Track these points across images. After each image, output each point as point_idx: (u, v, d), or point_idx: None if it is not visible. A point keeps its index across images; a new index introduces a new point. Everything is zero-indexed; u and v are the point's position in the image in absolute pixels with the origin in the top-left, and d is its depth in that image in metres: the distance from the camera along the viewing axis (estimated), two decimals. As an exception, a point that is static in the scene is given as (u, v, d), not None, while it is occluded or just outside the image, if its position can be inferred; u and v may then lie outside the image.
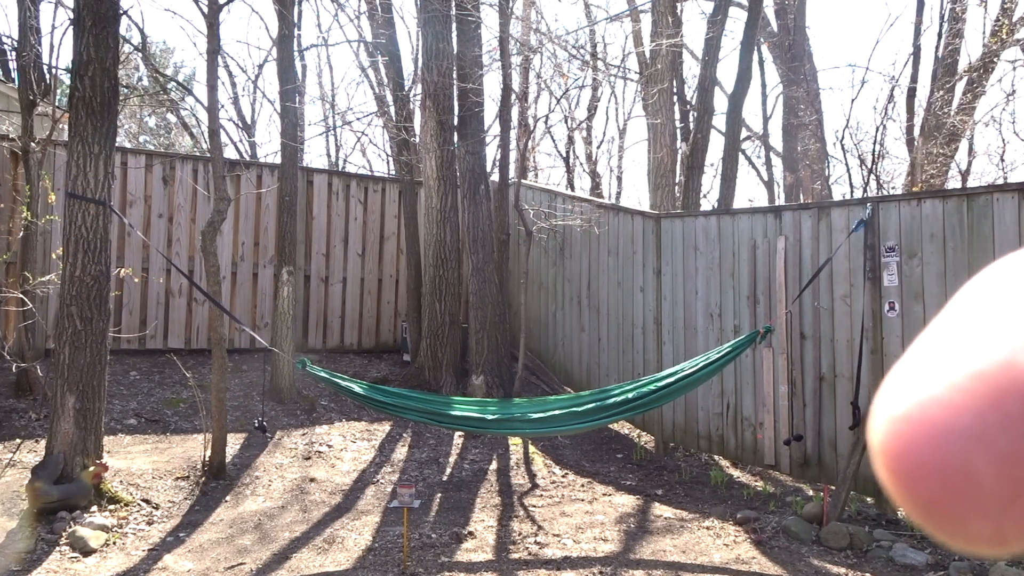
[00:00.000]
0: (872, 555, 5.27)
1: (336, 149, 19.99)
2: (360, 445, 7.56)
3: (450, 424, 6.04)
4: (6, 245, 8.01)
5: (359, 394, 5.71)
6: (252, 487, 6.42)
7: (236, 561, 5.08)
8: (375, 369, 9.77)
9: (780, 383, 6.68)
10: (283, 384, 8.33)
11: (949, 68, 12.08)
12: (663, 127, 11.58)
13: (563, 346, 9.40)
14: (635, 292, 8.23)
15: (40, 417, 7.19)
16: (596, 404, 5.77)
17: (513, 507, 6.26)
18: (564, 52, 12.50)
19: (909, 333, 5.90)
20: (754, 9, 9.66)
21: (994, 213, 5.48)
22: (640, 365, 8.07)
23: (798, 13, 14.47)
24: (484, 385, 8.57)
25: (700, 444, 7.53)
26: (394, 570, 4.93)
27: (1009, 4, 12.17)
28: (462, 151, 9.01)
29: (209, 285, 6.65)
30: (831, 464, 6.34)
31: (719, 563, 5.15)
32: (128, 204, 9.07)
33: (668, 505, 6.32)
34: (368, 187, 10.62)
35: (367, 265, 10.48)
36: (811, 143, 14.19)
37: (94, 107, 5.81)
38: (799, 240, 6.64)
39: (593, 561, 5.14)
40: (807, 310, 6.57)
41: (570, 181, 15.97)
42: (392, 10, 10.60)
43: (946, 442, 0.27)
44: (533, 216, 9.23)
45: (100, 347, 5.86)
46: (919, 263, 5.86)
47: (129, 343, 8.79)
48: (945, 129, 11.57)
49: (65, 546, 5.17)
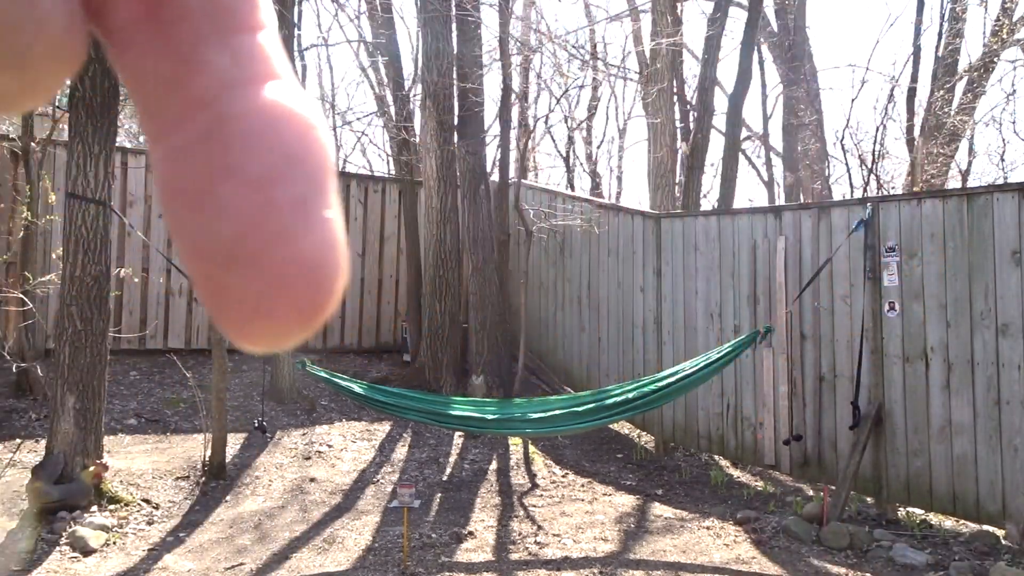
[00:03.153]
0: (872, 555, 5.27)
1: (336, 149, 19.95)
2: (360, 445, 7.56)
3: (450, 424, 6.05)
4: (6, 245, 8.01)
5: (359, 394, 5.71)
6: (252, 487, 6.42)
7: (236, 561, 5.08)
8: (375, 369, 9.77)
9: (780, 383, 6.68)
10: (283, 384, 8.33)
11: (949, 68, 12.08)
12: (663, 127, 11.57)
13: (563, 346, 9.40)
14: (635, 292, 8.23)
15: (40, 417, 7.19)
16: (596, 404, 5.77)
17: (513, 507, 6.26)
18: (564, 52, 12.51)
19: (909, 333, 5.91)
20: (754, 9, 9.66)
21: (994, 213, 5.47)
22: (640, 365, 8.06)
23: (798, 13, 14.47)
24: (484, 385, 8.57)
25: (700, 444, 7.53)
26: (394, 570, 4.93)
27: (1009, 4, 12.18)
28: (462, 151, 9.01)
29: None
30: (831, 464, 6.34)
31: (719, 563, 5.15)
32: (128, 204, 9.07)
33: (668, 505, 6.32)
34: (368, 187, 10.62)
35: (367, 265, 10.48)
36: (811, 143, 14.19)
37: (94, 107, 5.81)
38: (799, 240, 6.64)
39: (593, 561, 5.14)
40: (807, 310, 6.57)
41: (570, 181, 15.97)
42: (392, 10, 10.61)
43: None
44: (533, 216, 9.23)
45: (100, 347, 5.86)
46: (919, 263, 5.86)
47: (129, 343, 8.79)
48: (945, 129, 11.57)
49: (65, 546, 5.17)
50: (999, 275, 5.43)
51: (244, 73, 0.27)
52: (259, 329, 0.26)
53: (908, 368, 5.90)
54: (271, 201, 0.26)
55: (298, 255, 0.26)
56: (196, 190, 0.26)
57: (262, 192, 0.26)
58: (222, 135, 0.26)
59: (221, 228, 0.25)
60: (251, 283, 0.26)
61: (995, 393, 5.41)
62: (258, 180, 0.26)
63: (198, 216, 0.26)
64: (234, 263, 0.26)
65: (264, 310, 0.26)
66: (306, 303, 0.26)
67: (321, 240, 0.26)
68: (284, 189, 0.26)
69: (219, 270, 0.26)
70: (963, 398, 5.58)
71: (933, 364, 5.76)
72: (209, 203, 0.26)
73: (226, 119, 0.26)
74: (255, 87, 0.27)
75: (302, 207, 0.26)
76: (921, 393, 5.82)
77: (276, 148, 0.26)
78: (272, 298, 0.26)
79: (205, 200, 0.26)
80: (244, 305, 0.26)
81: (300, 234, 0.26)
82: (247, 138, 0.26)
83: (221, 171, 0.26)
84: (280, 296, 0.26)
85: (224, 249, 0.26)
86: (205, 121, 0.26)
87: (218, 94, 0.26)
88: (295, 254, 0.26)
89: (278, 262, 0.26)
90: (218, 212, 0.25)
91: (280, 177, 0.26)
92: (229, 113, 0.26)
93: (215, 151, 0.26)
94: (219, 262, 0.26)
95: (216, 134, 0.26)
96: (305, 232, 0.26)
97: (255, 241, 0.25)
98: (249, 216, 0.25)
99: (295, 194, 0.26)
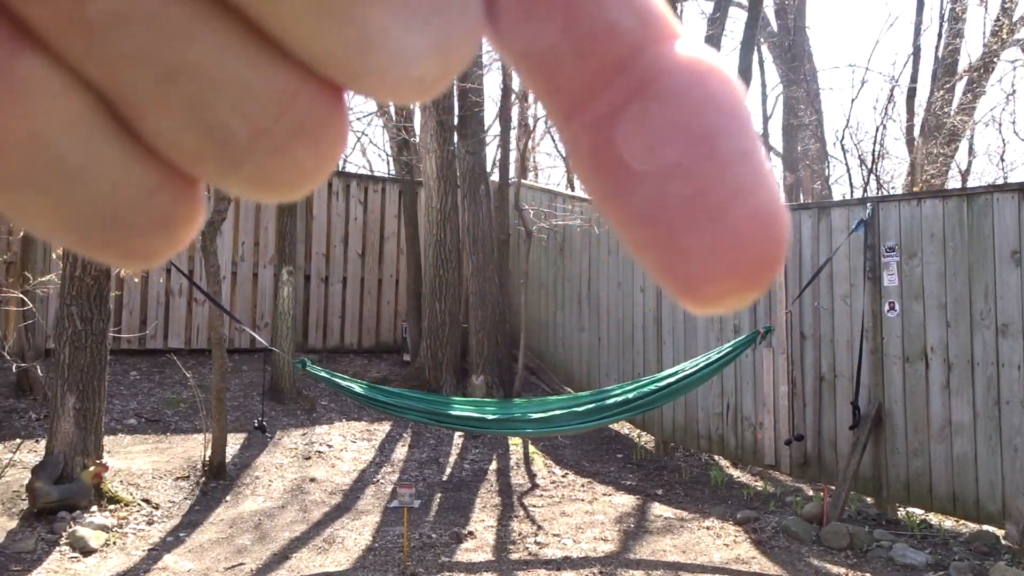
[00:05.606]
0: (872, 555, 5.27)
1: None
2: (360, 445, 7.56)
3: (450, 424, 6.05)
4: (6, 245, 8.02)
5: (359, 394, 5.71)
6: (252, 487, 6.43)
7: (236, 561, 5.08)
8: (375, 369, 9.77)
9: (780, 383, 6.68)
10: (283, 384, 8.33)
11: (949, 68, 12.08)
12: (663, 127, 11.56)
13: (563, 346, 9.40)
14: (635, 292, 8.23)
15: (40, 417, 7.19)
16: (596, 404, 5.77)
17: (513, 507, 6.26)
18: (564, 52, 12.48)
19: (909, 333, 5.91)
20: (754, 9, 9.66)
21: (994, 213, 5.47)
22: (640, 365, 8.07)
23: (798, 13, 14.48)
24: (484, 385, 8.57)
25: (700, 444, 7.53)
26: (394, 570, 4.94)
27: (1009, 4, 12.18)
28: (462, 151, 9.01)
29: (209, 285, 6.65)
30: (831, 464, 6.34)
31: (719, 563, 5.15)
32: (128, 204, 9.06)
33: (668, 505, 6.32)
34: (368, 187, 10.62)
35: (367, 265, 10.48)
36: (811, 143, 14.19)
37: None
38: (799, 240, 6.64)
39: (593, 561, 5.14)
40: (807, 310, 6.58)
41: (570, 181, 15.95)
42: (392, 10, 10.59)
43: None
44: (533, 216, 9.23)
45: (100, 347, 5.86)
46: (919, 263, 5.86)
47: (129, 343, 8.79)
48: (945, 129, 11.58)
49: (65, 546, 5.17)
50: (999, 275, 5.43)
51: (652, 33, 0.26)
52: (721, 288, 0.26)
53: (908, 368, 5.91)
54: (722, 156, 0.25)
55: (756, 208, 0.25)
56: (637, 154, 0.25)
57: (710, 146, 0.25)
58: (653, 94, 0.25)
59: (675, 188, 0.25)
60: (713, 242, 0.25)
61: (995, 393, 5.41)
62: (704, 136, 0.25)
63: (645, 181, 0.25)
64: (695, 223, 0.25)
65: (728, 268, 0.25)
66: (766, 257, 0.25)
67: (772, 192, 0.26)
68: (730, 143, 0.25)
69: (678, 233, 0.25)
70: (963, 398, 5.58)
71: (933, 364, 5.76)
72: (655, 165, 0.25)
73: (651, 79, 0.25)
74: (667, 45, 0.26)
75: (748, 159, 0.25)
76: (921, 393, 5.82)
77: (710, 103, 0.25)
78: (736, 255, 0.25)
79: (649, 163, 0.25)
80: (707, 266, 0.25)
81: (754, 187, 0.25)
82: (680, 94, 0.25)
83: (663, 130, 0.25)
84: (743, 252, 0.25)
85: (683, 210, 0.25)
86: (627, 84, 0.25)
87: (633, 55, 0.25)
88: (753, 208, 0.25)
89: (740, 217, 0.25)
90: (669, 173, 0.25)
91: (723, 131, 0.25)
92: (652, 73, 0.25)
93: (651, 111, 0.25)
94: (678, 224, 0.25)
95: (646, 94, 0.25)
96: (757, 185, 0.25)
97: (716, 197, 0.25)
98: (704, 172, 0.25)
99: (740, 147, 0.25)
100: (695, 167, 0.25)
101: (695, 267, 0.25)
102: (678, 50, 0.25)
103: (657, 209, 0.25)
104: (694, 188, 0.25)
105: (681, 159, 0.25)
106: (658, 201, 0.25)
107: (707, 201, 0.25)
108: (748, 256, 0.25)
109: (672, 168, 0.25)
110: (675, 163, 0.25)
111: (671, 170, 0.25)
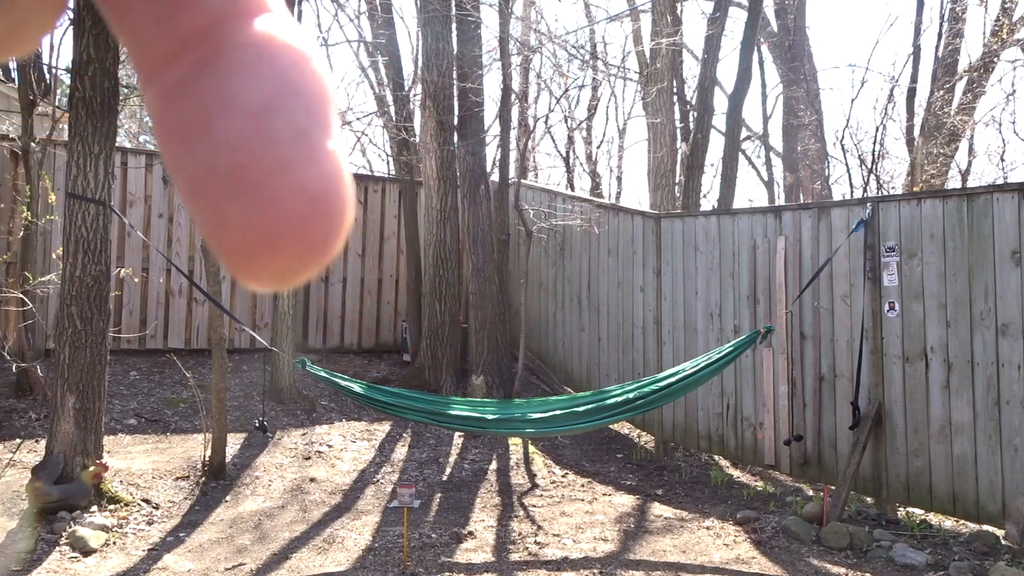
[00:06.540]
0: (872, 555, 5.27)
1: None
2: (360, 445, 7.56)
3: (450, 424, 6.05)
4: (6, 245, 8.01)
5: (359, 394, 5.71)
6: (252, 487, 6.42)
7: (236, 561, 5.08)
8: (375, 369, 9.77)
9: (780, 383, 6.68)
10: (283, 384, 8.33)
11: (949, 68, 12.08)
12: (663, 127, 11.58)
13: (563, 346, 9.40)
14: (635, 292, 8.23)
15: (40, 417, 7.19)
16: (596, 404, 5.77)
17: (513, 507, 6.26)
18: (564, 52, 12.50)
19: (909, 333, 5.91)
20: (754, 9, 9.66)
21: (994, 213, 5.47)
22: (640, 365, 8.07)
23: (798, 13, 14.47)
24: (484, 385, 8.57)
25: (700, 444, 7.53)
26: (394, 570, 4.94)
27: (1009, 4, 12.17)
28: (462, 151, 9.01)
29: (209, 285, 6.65)
30: (831, 464, 6.34)
31: (719, 563, 5.15)
32: (128, 204, 9.07)
33: (668, 505, 6.32)
34: (368, 187, 10.62)
35: (367, 265, 10.48)
36: (811, 143, 14.19)
37: (94, 107, 5.81)
38: (799, 240, 6.64)
39: (593, 561, 5.14)
40: (807, 310, 6.57)
41: (570, 181, 15.96)
42: (392, 10, 10.61)
43: None
44: (533, 216, 9.23)
45: (100, 347, 5.86)
46: (919, 263, 5.86)
47: (129, 343, 8.79)
48: (945, 129, 11.57)
49: (65, 546, 5.17)
50: (999, 275, 5.43)
51: (236, 7, 0.26)
52: (265, 264, 0.26)
53: (908, 368, 5.91)
54: (271, 131, 0.25)
55: (301, 186, 0.25)
56: (192, 125, 0.25)
57: (261, 123, 0.25)
58: (217, 68, 0.26)
59: (220, 160, 0.25)
60: (254, 215, 0.25)
61: (995, 393, 5.41)
62: (256, 111, 0.25)
63: (196, 151, 0.25)
64: (236, 196, 0.25)
65: (269, 243, 0.25)
66: (312, 235, 0.26)
67: (325, 171, 0.26)
68: (283, 120, 0.25)
69: (220, 204, 0.25)
70: (963, 398, 5.58)
71: (933, 364, 5.76)
72: (206, 137, 0.25)
73: (220, 52, 0.26)
74: (247, 20, 0.26)
75: (303, 138, 0.26)
76: (921, 393, 5.82)
77: (273, 79, 0.26)
78: (276, 230, 0.25)
79: (202, 134, 0.25)
80: (248, 239, 0.25)
81: (302, 165, 0.25)
82: (243, 70, 0.26)
83: (217, 104, 0.25)
84: (284, 228, 0.25)
85: (225, 182, 0.25)
86: (198, 55, 0.26)
87: (210, 28, 0.26)
88: (298, 185, 0.25)
89: (281, 193, 0.25)
90: (216, 145, 0.25)
91: (279, 107, 0.25)
92: (222, 46, 0.26)
93: (210, 84, 0.25)
94: (220, 196, 0.25)
95: (210, 68, 0.26)
96: (308, 163, 0.25)
97: (256, 172, 0.25)
98: (248, 147, 0.25)
99: (295, 125, 0.26)
100: (241, 141, 0.25)
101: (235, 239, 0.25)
102: (257, 26, 0.26)
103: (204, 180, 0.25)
104: (237, 161, 0.25)
105: (229, 134, 0.25)
106: (206, 172, 0.25)
107: (248, 175, 0.25)
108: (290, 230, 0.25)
109: (219, 142, 0.25)
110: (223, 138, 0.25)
111: (218, 144, 0.25)
